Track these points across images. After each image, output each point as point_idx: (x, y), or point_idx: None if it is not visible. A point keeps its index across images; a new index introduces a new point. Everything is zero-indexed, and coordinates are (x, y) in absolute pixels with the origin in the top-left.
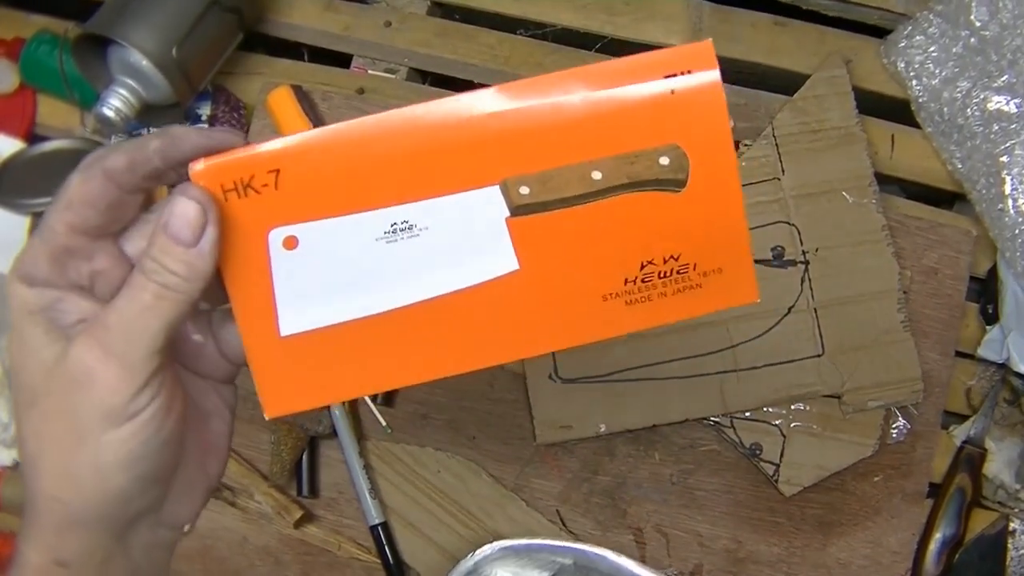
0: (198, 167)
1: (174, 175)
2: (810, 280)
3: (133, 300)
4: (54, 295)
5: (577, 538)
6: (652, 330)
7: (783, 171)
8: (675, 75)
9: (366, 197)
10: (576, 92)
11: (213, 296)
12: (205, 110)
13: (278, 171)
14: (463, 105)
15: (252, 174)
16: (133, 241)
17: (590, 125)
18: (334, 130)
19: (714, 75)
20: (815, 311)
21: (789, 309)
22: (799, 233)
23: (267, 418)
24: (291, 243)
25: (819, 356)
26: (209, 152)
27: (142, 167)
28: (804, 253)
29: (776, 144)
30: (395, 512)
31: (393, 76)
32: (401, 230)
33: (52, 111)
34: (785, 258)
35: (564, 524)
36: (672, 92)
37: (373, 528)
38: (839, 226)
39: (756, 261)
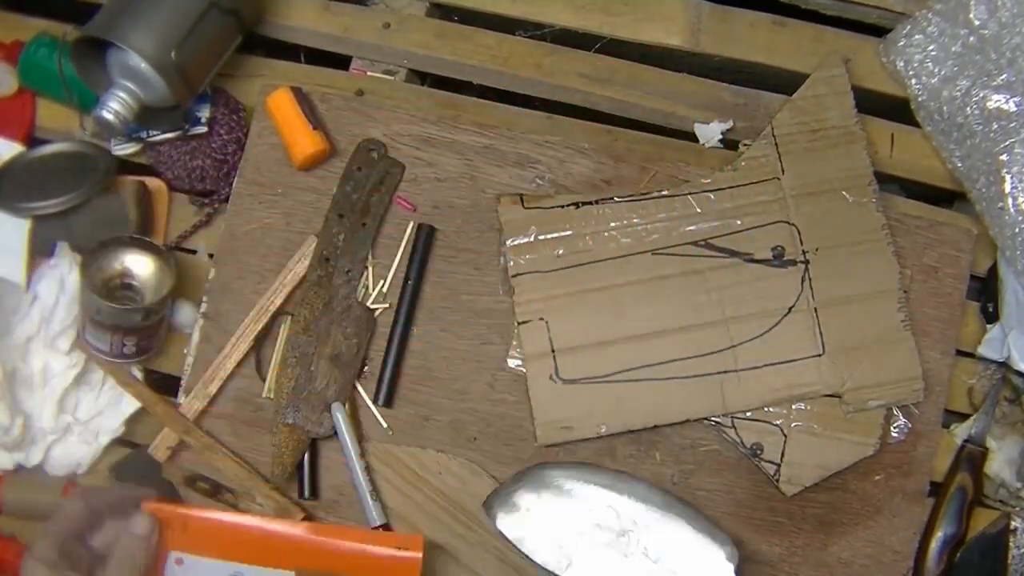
0: (147, 508)
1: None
2: (810, 280)
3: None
4: None
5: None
6: (653, 330)
7: (783, 171)
8: (401, 549)
9: (222, 554)
10: (346, 542)
11: None
12: (204, 112)
13: (187, 521)
14: (294, 526)
15: (168, 519)
16: (99, 537)
17: (353, 559)
18: (216, 516)
19: (417, 555)
20: (815, 311)
21: (789, 309)
22: (799, 233)
23: None
24: (179, 563)
25: (819, 356)
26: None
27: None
28: (804, 253)
29: (776, 144)
30: (396, 514)
31: (392, 77)
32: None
33: (51, 114)
34: (785, 258)
35: None
36: (394, 557)
37: (375, 530)
38: (839, 225)
39: (757, 261)
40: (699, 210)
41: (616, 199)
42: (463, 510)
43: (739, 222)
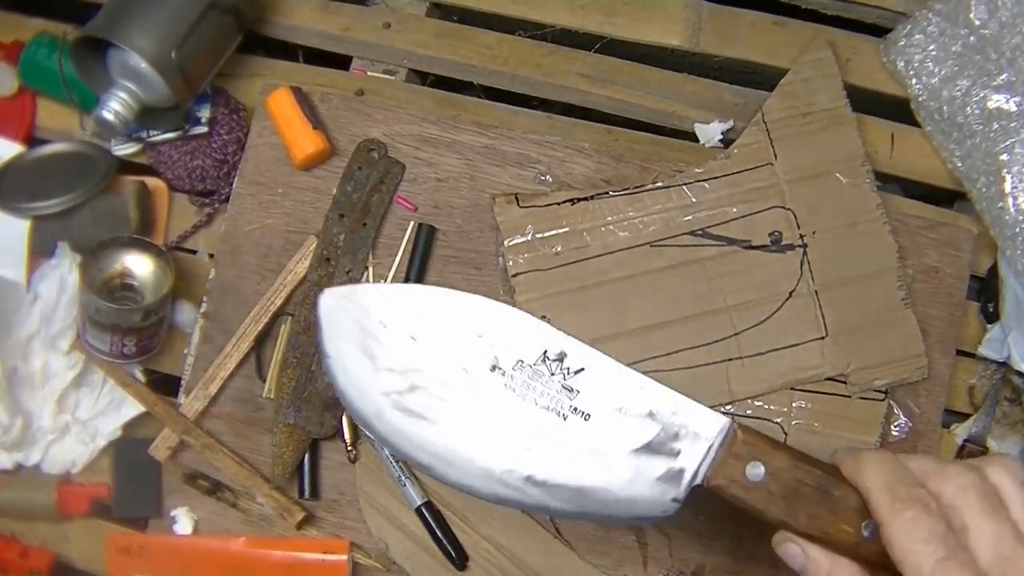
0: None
1: None
2: (809, 263)
3: None
4: None
5: (571, 546)
6: (656, 322)
7: (775, 156)
8: (327, 553)
9: (177, 573)
10: (279, 552)
11: None
12: (205, 112)
13: (143, 546)
14: (233, 542)
15: (127, 545)
16: None
17: (287, 567)
18: (166, 539)
19: (343, 558)
20: (816, 293)
21: (790, 293)
22: (795, 217)
23: None
24: None
25: (822, 338)
26: None
27: None
28: (802, 236)
29: (767, 130)
30: (389, 516)
31: (392, 77)
32: None
33: (51, 114)
34: (783, 243)
35: (559, 532)
36: (323, 561)
37: (418, 510)
38: (835, 207)
39: (755, 247)
40: (694, 200)
41: (611, 193)
42: (455, 511)
43: (735, 209)
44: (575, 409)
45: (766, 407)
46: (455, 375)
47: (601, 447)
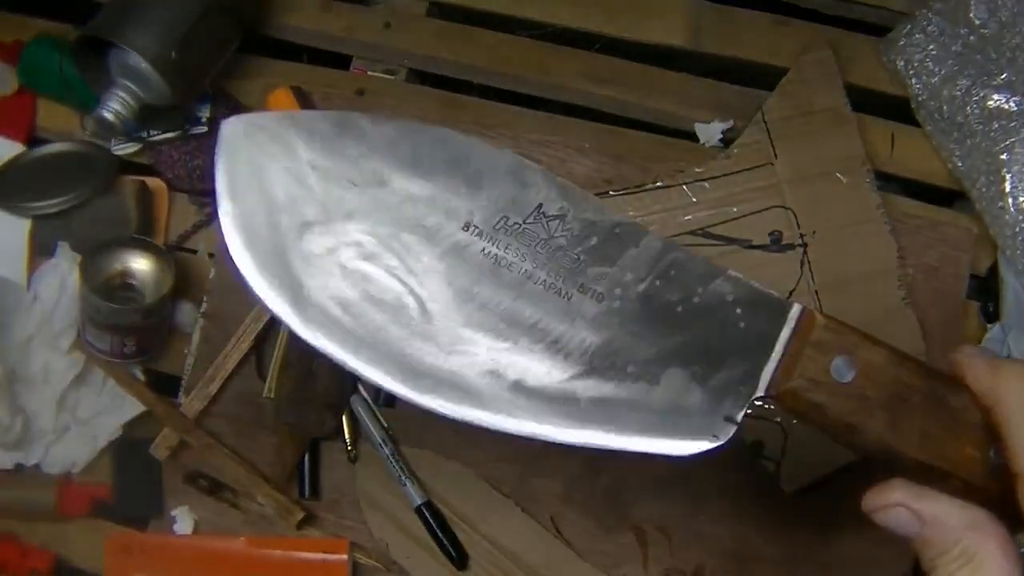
0: (107, 539)
1: None
2: (809, 263)
3: None
4: None
5: (571, 546)
6: None
7: (776, 156)
8: (328, 553)
9: (177, 573)
10: (279, 551)
11: None
12: (205, 112)
13: (143, 545)
14: (233, 542)
15: (127, 544)
16: None
17: (287, 566)
18: (166, 539)
19: (343, 557)
20: (816, 293)
21: (790, 293)
22: (796, 217)
23: None
24: None
25: None
26: None
27: None
28: (802, 236)
29: (767, 129)
30: (389, 515)
31: (393, 77)
32: None
33: (52, 114)
34: (783, 242)
35: (559, 531)
36: (323, 560)
37: (418, 509)
38: (835, 207)
39: (755, 247)
40: (695, 200)
41: (611, 193)
42: (456, 510)
43: (735, 209)
44: (582, 286)
45: (766, 405)
46: (411, 237)
47: (618, 341)
